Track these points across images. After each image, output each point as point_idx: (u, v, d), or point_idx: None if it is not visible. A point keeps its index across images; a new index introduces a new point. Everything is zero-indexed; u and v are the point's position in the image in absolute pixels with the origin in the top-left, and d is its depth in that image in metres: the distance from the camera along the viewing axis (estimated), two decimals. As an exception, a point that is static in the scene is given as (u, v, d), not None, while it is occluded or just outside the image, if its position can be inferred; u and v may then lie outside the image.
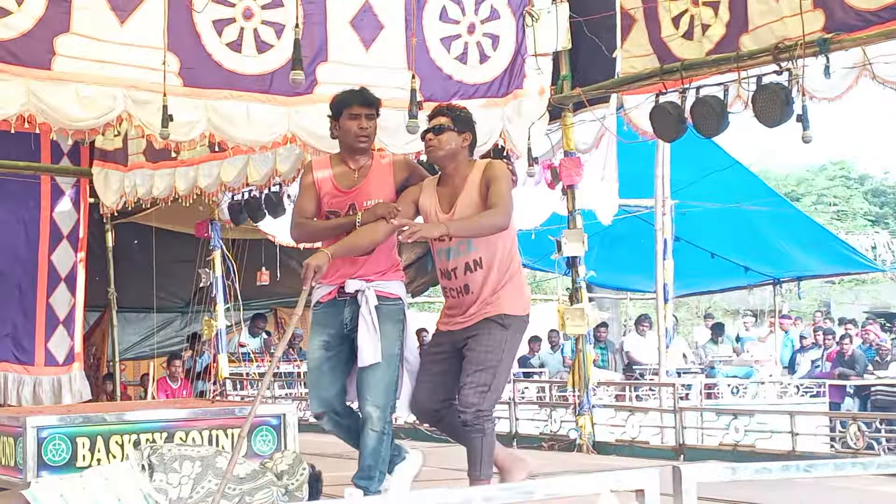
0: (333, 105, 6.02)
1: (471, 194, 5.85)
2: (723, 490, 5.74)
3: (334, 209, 5.87)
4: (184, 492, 6.26)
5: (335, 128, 5.97)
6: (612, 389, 13.73)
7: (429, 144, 5.92)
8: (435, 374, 5.92)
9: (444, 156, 5.89)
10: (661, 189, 13.95)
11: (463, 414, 5.71)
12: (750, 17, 8.08)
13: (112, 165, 12.34)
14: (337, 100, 6.04)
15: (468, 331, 5.82)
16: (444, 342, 5.95)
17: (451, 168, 5.93)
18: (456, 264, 5.82)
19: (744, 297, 24.79)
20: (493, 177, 5.88)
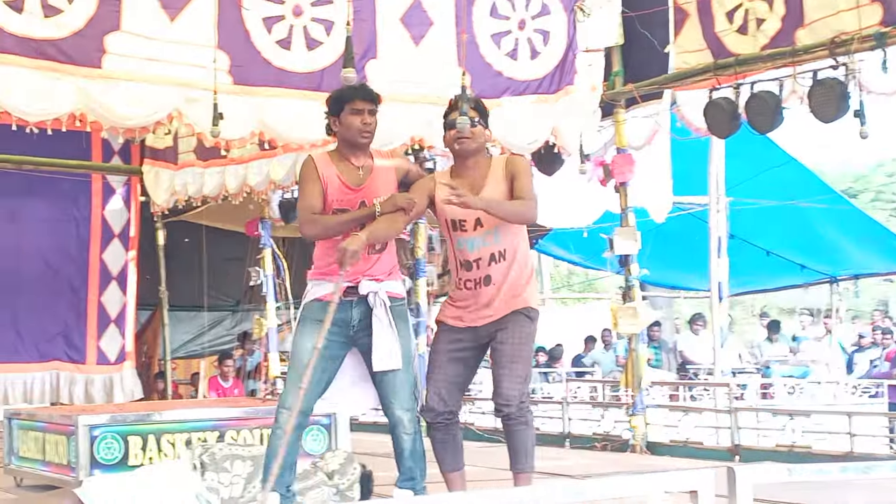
0: (333, 100, 5.86)
1: (496, 186, 5.80)
2: (779, 492, 5.66)
3: (344, 207, 5.79)
4: (235, 491, 6.28)
5: (334, 124, 5.82)
6: (666, 389, 13.65)
7: (462, 135, 5.85)
8: (456, 374, 5.83)
9: (475, 148, 5.86)
10: (715, 186, 13.83)
11: (507, 407, 5.66)
12: (805, 12, 7.99)
13: (163, 164, 12.41)
14: (337, 95, 5.91)
15: (497, 324, 5.75)
16: (464, 339, 5.81)
17: (473, 161, 5.88)
18: (480, 255, 5.75)
19: (800, 296, 24.51)
20: (518, 171, 5.85)
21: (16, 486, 7.69)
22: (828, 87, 7.79)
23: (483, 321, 5.76)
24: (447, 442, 5.83)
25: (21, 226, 13.02)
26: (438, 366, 5.83)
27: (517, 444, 5.73)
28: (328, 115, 5.85)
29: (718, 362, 13.74)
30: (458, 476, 5.86)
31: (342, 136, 5.83)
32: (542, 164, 10.13)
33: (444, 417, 5.81)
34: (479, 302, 5.76)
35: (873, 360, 17.72)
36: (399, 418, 5.72)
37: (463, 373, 5.86)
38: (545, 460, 6.01)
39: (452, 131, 5.82)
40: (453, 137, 5.82)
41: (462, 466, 5.89)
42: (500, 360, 5.70)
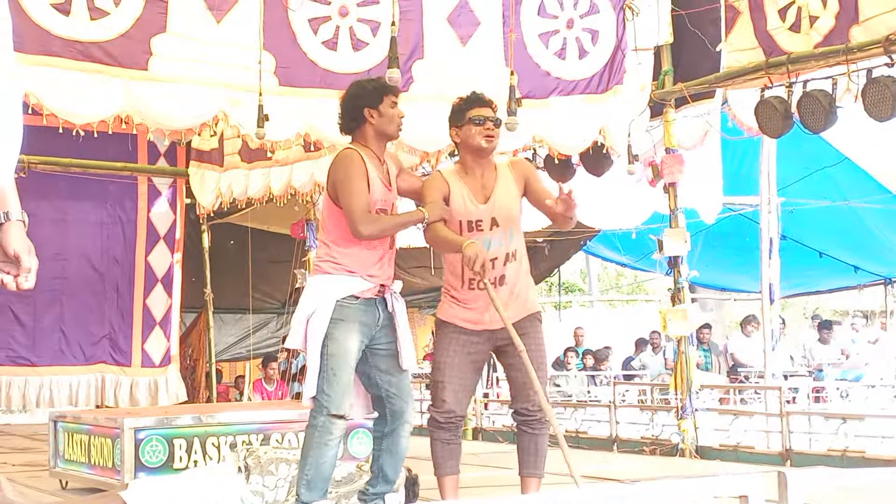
0: (372, 92, 5.76)
1: (508, 190, 5.83)
2: (831, 497, 5.55)
3: (383, 208, 5.74)
4: (280, 495, 6.28)
5: (371, 115, 5.72)
6: (716, 392, 13.53)
7: (491, 134, 5.81)
8: (472, 378, 5.88)
9: (495, 148, 5.89)
10: (766, 186, 13.68)
11: (538, 412, 5.72)
12: (861, 8, 7.87)
13: (208, 166, 12.47)
14: (375, 86, 5.83)
15: (515, 328, 5.71)
16: (480, 341, 5.79)
17: (486, 160, 5.89)
18: (496, 254, 5.74)
19: (854, 298, 24.33)
20: (532, 174, 5.97)
21: (61, 488, 7.72)
22: (882, 85, 7.69)
23: (498, 324, 5.72)
24: (452, 443, 5.85)
25: (67, 228, 13.10)
26: (456, 368, 5.80)
27: (539, 448, 5.79)
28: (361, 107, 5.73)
29: (769, 365, 13.59)
30: (455, 480, 5.87)
31: (379, 129, 5.76)
32: (590, 164, 10.08)
33: (457, 418, 5.81)
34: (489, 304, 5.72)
35: (929, 364, 17.50)
36: (407, 419, 5.74)
37: (475, 377, 5.95)
38: (592, 464, 5.95)
39: (480, 127, 5.80)
40: (484, 135, 5.79)
41: (458, 471, 5.89)
42: (523, 366, 5.67)
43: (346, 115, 5.79)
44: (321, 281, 5.62)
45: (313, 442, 5.53)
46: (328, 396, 5.50)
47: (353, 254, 5.62)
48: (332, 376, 5.51)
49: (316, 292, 5.61)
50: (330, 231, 5.67)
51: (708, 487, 3.14)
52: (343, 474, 6.37)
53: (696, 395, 9.75)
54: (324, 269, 5.63)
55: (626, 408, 11.56)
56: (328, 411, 5.49)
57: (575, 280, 32.36)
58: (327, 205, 5.71)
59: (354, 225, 5.53)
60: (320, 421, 5.51)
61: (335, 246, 5.63)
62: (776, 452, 9.24)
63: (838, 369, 16.99)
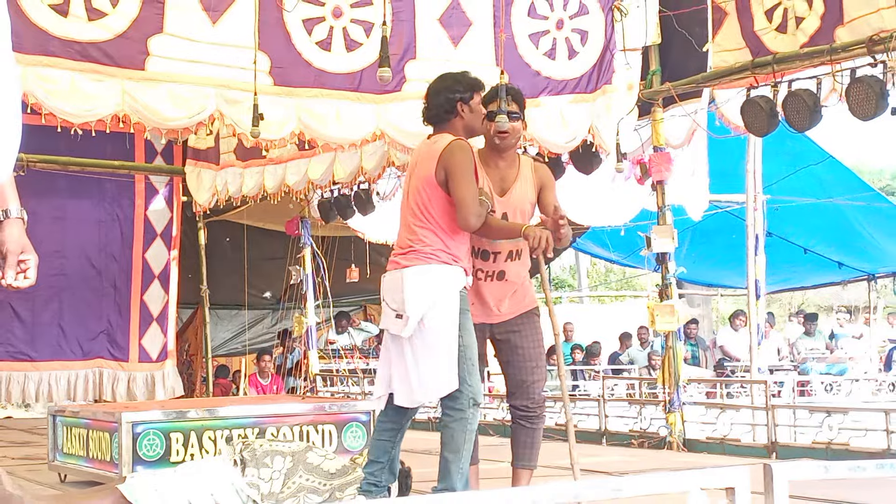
0: (467, 87, 5.69)
1: (525, 187, 5.86)
2: (816, 489, 5.67)
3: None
4: (275, 486, 6.31)
5: (463, 110, 5.67)
6: (703, 386, 13.62)
7: (505, 129, 5.82)
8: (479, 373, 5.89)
9: (514, 143, 5.88)
10: (752, 184, 13.78)
11: (539, 409, 5.80)
12: (845, 10, 7.95)
13: (204, 164, 12.52)
14: (471, 82, 5.73)
15: (509, 325, 5.80)
16: (478, 336, 5.74)
17: (508, 154, 5.89)
18: (501, 248, 5.78)
19: (838, 293, 24.39)
20: (549, 184, 5.94)
21: (60, 482, 7.76)
22: (866, 84, 7.76)
23: (495, 319, 5.80)
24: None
25: (66, 226, 13.16)
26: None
27: (535, 442, 5.85)
28: (457, 100, 5.67)
29: (756, 359, 13.70)
30: (474, 471, 5.89)
31: (469, 124, 5.72)
32: (579, 162, 10.15)
33: None
34: (488, 295, 5.79)
35: (912, 357, 17.64)
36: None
37: (481, 370, 5.93)
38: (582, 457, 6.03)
39: (492, 124, 5.80)
40: (494, 131, 5.81)
41: (477, 461, 5.93)
42: (522, 363, 5.76)
43: (439, 106, 5.69)
44: (443, 271, 5.51)
45: (466, 435, 5.50)
46: (471, 387, 5.49)
47: (461, 246, 5.60)
48: (471, 366, 5.49)
49: (440, 282, 5.50)
50: (437, 219, 5.55)
51: (695, 480, 3.14)
52: (337, 467, 6.42)
53: (683, 389, 9.83)
54: (441, 258, 5.51)
55: (615, 401, 11.65)
56: (474, 401, 5.50)
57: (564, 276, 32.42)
58: (433, 191, 5.56)
59: (467, 215, 5.46)
60: (469, 413, 5.48)
61: (448, 236, 5.54)
62: (762, 445, 9.33)
63: (823, 363, 17.11)
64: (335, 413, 7.44)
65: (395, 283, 5.58)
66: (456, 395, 5.48)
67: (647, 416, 10.30)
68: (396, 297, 5.53)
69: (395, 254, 5.69)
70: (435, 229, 5.55)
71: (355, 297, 17.26)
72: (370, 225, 13.73)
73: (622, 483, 3.11)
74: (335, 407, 7.55)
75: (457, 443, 5.51)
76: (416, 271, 5.51)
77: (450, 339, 5.45)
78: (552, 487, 3.02)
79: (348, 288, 15.56)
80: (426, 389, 5.55)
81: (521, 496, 2.98)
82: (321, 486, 6.24)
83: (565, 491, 3.03)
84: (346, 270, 14.87)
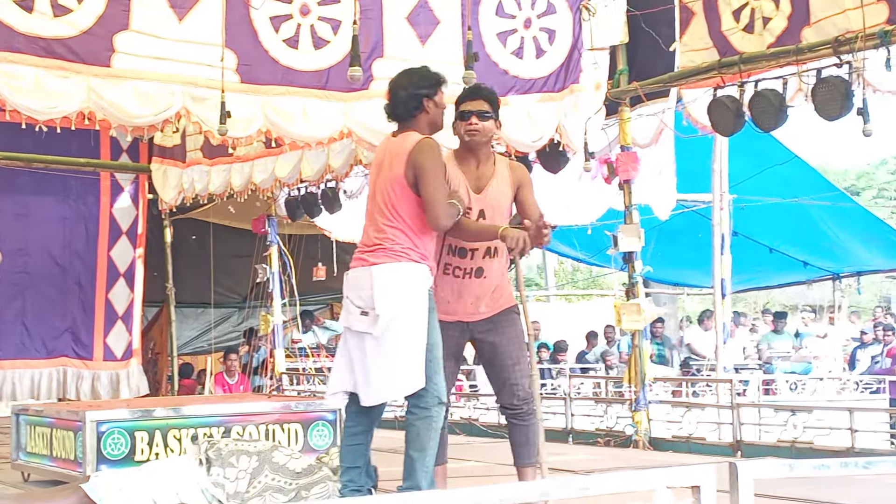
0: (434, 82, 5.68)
1: (501, 185, 5.86)
2: (780, 487, 5.70)
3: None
4: (241, 486, 6.30)
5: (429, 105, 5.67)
6: (669, 385, 13.66)
7: (474, 128, 5.80)
8: (451, 369, 5.84)
9: (485, 142, 5.87)
10: (718, 183, 13.84)
11: (526, 404, 5.77)
12: (812, 11, 8.00)
13: (170, 162, 12.47)
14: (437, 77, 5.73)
15: (489, 323, 5.79)
16: (455, 334, 5.81)
17: (482, 153, 5.89)
18: (478, 245, 5.78)
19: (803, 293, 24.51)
20: (527, 183, 5.94)
21: (23, 481, 7.72)
22: (831, 85, 7.80)
23: (474, 318, 5.80)
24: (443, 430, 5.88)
25: (30, 223, 13.08)
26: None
27: (530, 437, 5.81)
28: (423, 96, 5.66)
29: (721, 358, 13.76)
30: (442, 470, 5.90)
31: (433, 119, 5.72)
32: (547, 161, 10.16)
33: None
34: (467, 293, 5.79)
35: (875, 357, 17.74)
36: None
37: (455, 368, 5.95)
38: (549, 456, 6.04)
39: (464, 123, 5.81)
40: (465, 129, 5.82)
41: (446, 461, 5.93)
42: (505, 361, 5.76)
43: (406, 102, 5.66)
44: (413, 269, 5.51)
45: (431, 433, 5.49)
46: (436, 385, 5.49)
47: (429, 245, 5.59)
48: (436, 365, 5.49)
49: (408, 281, 5.49)
50: (406, 218, 5.53)
51: (661, 478, 3.16)
52: (303, 466, 6.41)
53: (649, 388, 9.86)
54: (411, 257, 5.49)
55: (581, 400, 11.67)
56: (439, 400, 5.50)
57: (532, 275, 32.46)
58: (402, 191, 5.53)
59: (438, 216, 5.46)
60: (434, 411, 5.49)
61: (417, 235, 5.53)
62: (727, 443, 9.37)
63: (787, 362, 17.20)
64: (301, 412, 7.43)
65: (361, 280, 5.55)
66: (421, 393, 5.47)
67: (614, 414, 10.32)
68: (363, 295, 5.50)
69: (360, 251, 5.65)
70: (404, 228, 5.53)
71: (322, 295, 17.23)
72: (337, 223, 13.70)
73: (589, 482, 3.12)
74: (301, 406, 7.54)
75: (422, 441, 5.51)
76: (385, 269, 5.49)
77: (418, 337, 5.44)
78: (520, 486, 3.03)
79: (315, 286, 15.54)
80: (391, 387, 5.52)
81: (489, 495, 2.98)
82: (287, 485, 6.24)
83: (533, 489, 3.04)
84: (312, 269, 14.86)
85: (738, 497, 3.16)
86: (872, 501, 6.29)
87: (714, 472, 3.19)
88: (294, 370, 14.05)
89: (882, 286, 33.25)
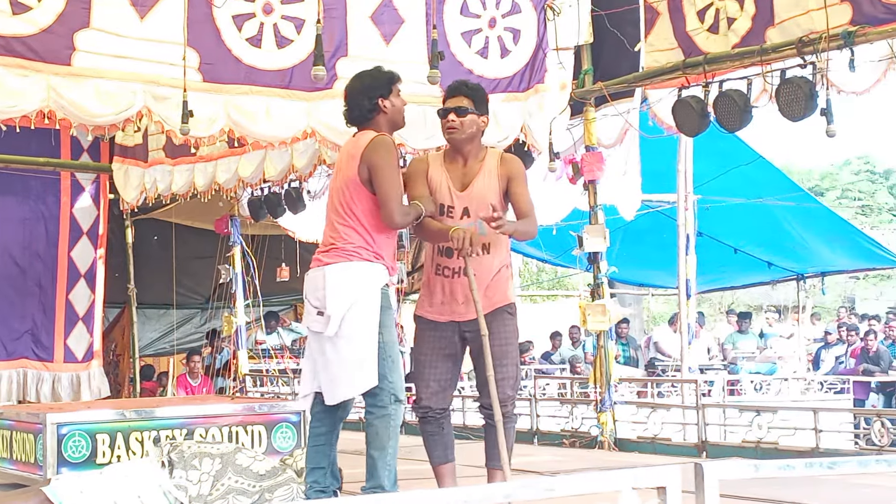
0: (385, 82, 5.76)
1: (488, 180, 5.83)
2: (746, 487, 5.70)
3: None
4: (203, 489, 6.27)
5: (384, 105, 5.74)
6: (634, 386, 13.70)
7: (451, 125, 5.82)
8: (446, 371, 5.86)
9: (466, 139, 5.85)
10: (683, 184, 13.89)
11: (503, 408, 5.71)
12: (776, 11, 8.03)
13: (132, 161, 12.37)
14: (388, 75, 5.80)
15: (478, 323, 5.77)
16: (448, 335, 5.82)
17: (467, 150, 5.88)
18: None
19: (767, 293, 24.68)
20: (517, 176, 5.89)
21: (-17, 484, 7.66)
22: (795, 85, 7.82)
23: (465, 317, 5.77)
24: (436, 434, 5.87)
25: (-11, 223, 12.96)
26: (428, 364, 5.83)
27: (503, 442, 5.72)
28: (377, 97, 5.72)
29: (686, 359, 13.81)
30: (448, 469, 5.89)
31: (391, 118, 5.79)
32: (511, 161, 10.14)
33: (437, 413, 5.84)
34: (457, 292, 5.77)
35: (839, 357, 17.86)
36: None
37: (452, 369, 5.91)
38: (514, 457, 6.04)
39: (443, 120, 5.84)
40: (444, 127, 5.84)
41: (452, 459, 5.92)
42: (488, 361, 5.72)
43: (361, 106, 5.73)
44: (364, 268, 5.57)
45: (390, 431, 5.56)
46: (393, 383, 5.56)
47: (385, 243, 5.65)
48: (391, 363, 5.56)
49: (361, 280, 5.56)
50: (360, 217, 5.60)
51: (626, 479, 3.15)
52: (267, 468, 6.38)
53: (614, 389, 9.87)
54: (363, 256, 5.57)
55: (547, 401, 11.67)
56: (395, 398, 5.56)
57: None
58: (357, 190, 5.60)
59: (392, 213, 5.53)
60: (392, 409, 5.55)
61: (373, 233, 5.60)
62: (692, 444, 9.39)
63: (752, 363, 17.29)
64: (265, 414, 7.39)
65: (316, 280, 5.62)
66: (376, 391, 5.54)
67: (579, 415, 10.33)
68: (318, 295, 5.57)
69: (318, 252, 5.73)
70: (357, 227, 5.59)
71: (285, 296, 17.17)
72: (300, 224, 13.67)
73: (554, 483, 3.10)
74: (265, 407, 7.50)
75: (381, 440, 5.56)
76: (337, 269, 5.57)
77: (370, 335, 5.51)
78: (484, 488, 3.01)
79: (278, 287, 15.49)
80: (349, 386, 5.57)
81: (452, 496, 2.95)
82: (250, 487, 6.20)
83: (497, 491, 3.01)
84: (276, 269, 14.82)
85: (704, 498, 3.15)
86: (837, 501, 6.31)
87: (679, 473, 3.18)
88: (258, 372, 14.00)
89: (846, 286, 33.50)
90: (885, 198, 41.60)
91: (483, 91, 6.06)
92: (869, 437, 8.44)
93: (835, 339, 18.70)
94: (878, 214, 40.22)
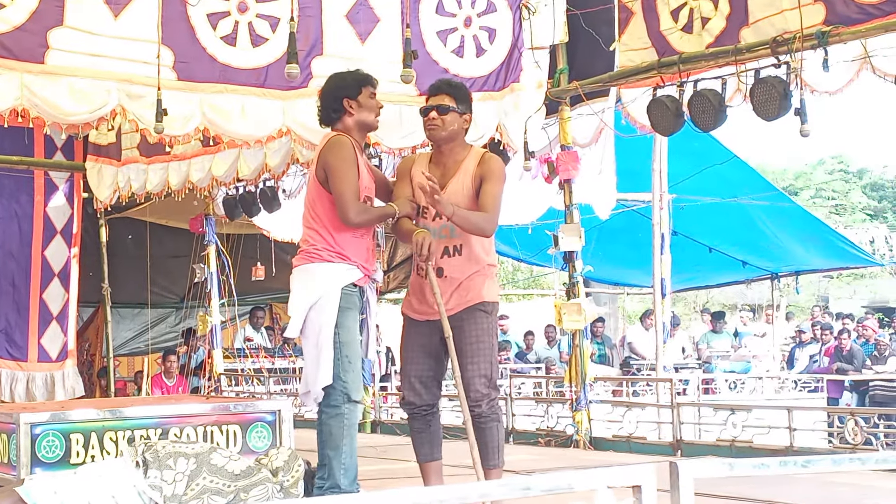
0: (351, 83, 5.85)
1: (462, 180, 5.84)
2: (720, 486, 5.71)
3: (368, 196, 5.83)
4: (178, 489, 6.24)
5: (351, 106, 5.81)
6: (609, 385, 13.71)
7: (431, 123, 5.84)
8: (429, 367, 5.87)
9: (446, 136, 5.85)
10: (658, 183, 13.92)
11: (477, 407, 5.73)
12: (750, 11, 8.04)
13: (106, 160, 12.32)
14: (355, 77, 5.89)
15: (452, 320, 5.76)
16: (427, 332, 5.85)
17: (448, 148, 5.90)
18: (436, 245, 5.78)
19: (741, 292, 24.78)
20: (489, 174, 5.87)
21: (-44, 484, 7.60)
22: (769, 85, 7.84)
23: (436, 316, 5.76)
24: (423, 432, 5.87)
25: (-38, 222, 12.88)
26: (411, 360, 5.86)
27: (487, 442, 5.78)
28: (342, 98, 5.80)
29: (661, 358, 13.85)
30: (434, 467, 5.89)
31: (360, 119, 5.86)
32: (487, 161, 10.13)
33: (422, 410, 5.84)
34: (428, 293, 5.77)
35: (813, 356, 17.94)
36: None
37: (435, 366, 5.91)
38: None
39: (425, 118, 5.86)
40: (425, 126, 5.87)
41: (439, 457, 5.92)
42: (459, 359, 5.71)
43: (327, 106, 5.84)
44: (323, 269, 5.67)
45: (344, 430, 5.65)
46: (346, 383, 5.65)
47: (349, 242, 5.71)
48: (347, 363, 5.65)
49: (320, 280, 5.66)
50: (322, 217, 5.70)
51: (602, 478, 3.15)
52: (242, 468, 6.36)
53: (589, 388, 9.88)
54: (324, 256, 5.68)
55: (522, 400, 11.68)
56: (349, 398, 5.65)
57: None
58: (317, 190, 5.72)
59: (345, 211, 5.61)
60: (345, 409, 5.64)
61: (334, 233, 5.68)
62: (667, 443, 9.41)
63: (727, 361, 17.34)
64: (240, 413, 7.34)
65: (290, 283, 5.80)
66: (329, 391, 5.65)
67: (554, 414, 10.33)
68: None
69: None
70: (319, 228, 5.70)
71: (261, 295, 17.14)
72: (275, 223, 13.64)
73: (530, 482, 3.10)
74: (240, 407, 7.45)
75: (335, 439, 5.67)
76: (299, 270, 5.75)
77: (326, 335, 5.62)
78: (459, 487, 3.00)
79: (254, 286, 15.47)
80: (312, 385, 5.71)
81: (428, 496, 2.95)
82: (225, 487, 6.17)
83: (473, 490, 3.01)
84: (251, 269, 14.78)
85: (679, 496, 3.15)
86: (811, 500, 6.33)
87: (655, 472, 3.18)
88: (233, 371, 13.97)
89: (820, 286, 33.65)
90: (859, 197, 41.81)
91: (466, 90, 6.08)
92: (843, 436, 8.48)
93: (809, 338, 18.78)
94: (852, 214, 40.42)
